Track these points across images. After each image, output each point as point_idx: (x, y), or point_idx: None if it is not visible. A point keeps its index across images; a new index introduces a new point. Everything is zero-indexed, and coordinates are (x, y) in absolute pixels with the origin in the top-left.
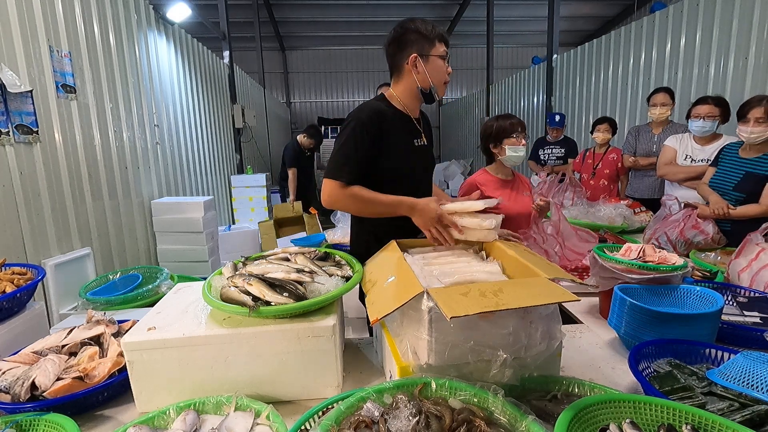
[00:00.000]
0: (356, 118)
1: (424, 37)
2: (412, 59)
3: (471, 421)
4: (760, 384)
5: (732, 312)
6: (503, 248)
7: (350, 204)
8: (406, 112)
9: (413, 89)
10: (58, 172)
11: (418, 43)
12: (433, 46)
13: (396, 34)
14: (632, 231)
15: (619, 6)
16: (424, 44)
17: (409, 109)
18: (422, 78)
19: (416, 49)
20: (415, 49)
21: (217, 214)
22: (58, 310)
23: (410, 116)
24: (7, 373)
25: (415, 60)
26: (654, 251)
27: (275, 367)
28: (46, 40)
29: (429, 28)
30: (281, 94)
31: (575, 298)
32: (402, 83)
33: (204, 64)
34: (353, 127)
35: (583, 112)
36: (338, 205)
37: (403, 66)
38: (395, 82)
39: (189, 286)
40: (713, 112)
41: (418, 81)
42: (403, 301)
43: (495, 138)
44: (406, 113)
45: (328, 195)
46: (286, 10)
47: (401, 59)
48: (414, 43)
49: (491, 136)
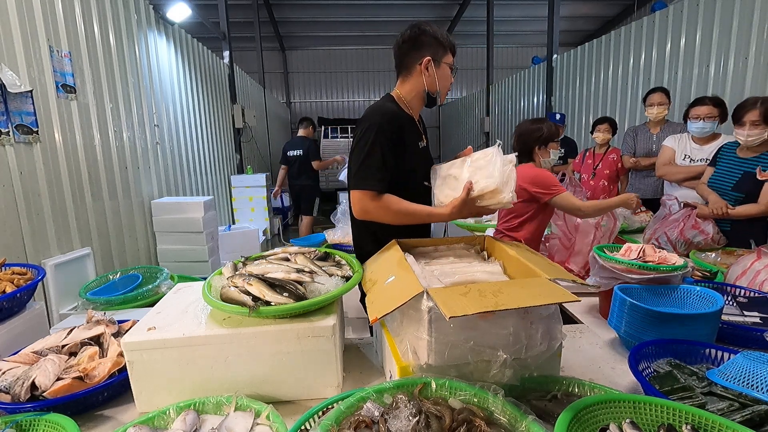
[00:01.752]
0: (376, 123)
1: (439, 43)
2: (426, 62)
3: (471, 421)
4: (760, 384)
5: (732, 312)
6: (504, 248)
7: (385, 215)
8: (410, 113)
9: (420, 91)
10: (58, 172)
11: (433, 47)
12: (446, 54)
13: (412, 34)
14: (632, 231)
15: (619, 6)
16: (438, 50)
17: (413, 110)
18: (431, 81)
19: (431, 53)
20: (430, 53)
21: (217, 214)
22: (58, 310)
23: (414, 118)
24: (7, 373)
25: (429, 63)
26: (654, 251)
27: (275, 367)
28: (46, 40)
29: (445, 36)
30: (281, 94)
31: (575, 299)
32: (409, 84)
33: (204, 64)
34: (375, 132)
35: (583, 112)
36: (371, 216)
37: (413, 67)
38: (402, 82)
39: (189, 286)
40: (713, 113)
41: (427, 84)
42: (403, 301)
43: (544, 140)
44: (411, 114)
45: (360, 207)
46: (286, 10)
47: (413, 60)
48: (429, 47)
49: (540, 139)
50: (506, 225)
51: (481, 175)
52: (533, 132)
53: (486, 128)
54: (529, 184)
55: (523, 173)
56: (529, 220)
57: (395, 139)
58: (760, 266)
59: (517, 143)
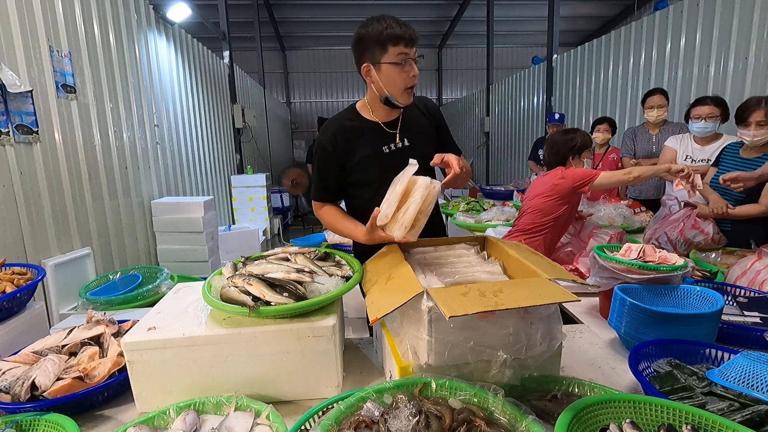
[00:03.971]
0: (318, 141)
1: (375, 42)
2: (365, 70)
3: (471, 421)
4: (760, 384)
5: (732, 312)
6: (504, 248)
7: (324, 222)
8: (374, 119)
9: (376, 96)
10: (58, 172)
11: (369, 50)
12: (384, 52)
13: (353, 40)
14: (632, 231)
15: (619, 6)
16: (375, 51)
17: (378, 115)
18: (378, 87)
19: (368, 58)
20: (368, 58)
21: (217, 214)
22: (58, 310)
23: (379, 123)
24: (7, 373)
25: (368, 69)
26: (654, 251)
27: (275, 367)
28: (46, 40)
29: (380, 29)
30: (281, 94)
31: (575, 298)
32: (369, 90)
33: (204, 64)
34: (317, 151)
35: (583, 112)
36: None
37: (362, 75)
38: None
39: (189, 286)
40: (714, 113)
41: (376, 90)
42: (403, 301)
43: (578, 150)
44: (375, 120)
45: (315, 213)
46: (286, 10)
47: (360, 69)
48: (366, 51)
49: (574, 149)
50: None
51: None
52: (567, 142)
53: (486, 128)
54: (570, 182)
55: (559, 175)
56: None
57: (338, 154)
58: (761, 266)
59: (549, 153)
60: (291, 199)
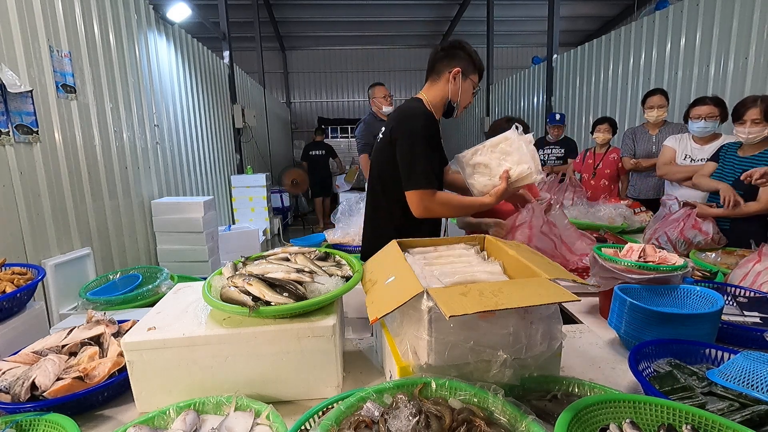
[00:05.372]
0: (422, 126)
1: (472, 60)
2: (455, 71)
3: (471, 421)
4: (760, 384)
5: (732, 312)
6: (504, 248)
7: (446, 210)
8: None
9: (444, 98)
10: (58, 172)
11: (465, 62)
12: (474, 73)
13: (451, 45)
14: (632, 231)
15: (619, 6)
16: (469, 66)
17: (436, 114)
18: (455, 91)
19: (462, 66)
20: (461, 65)
21: (217, 214)
22: (58, 310)
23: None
24: (7, 373)
25: (457, 73)
26: (654, 251)
27: (275, 367)
28: (46, 40)
29: (478, 58)
30: (281, 94)
31: (575, 298)
32: (435, 89)
33: (204, 64)
34: (423, 136)
35: (583, 112)
36: (434, 213)
37: (443, 73)
38: (429, 86)
39: (189, 286)
40: (714, 113)
41: (451, 93)
42: (403, 301)
43: None
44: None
45: (421, 205)
46: (286, 10)
47: (445, 67)
48: (462, 60)
49: None
50: None
51: (511, 161)
52: None
53: (486, 128)
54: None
55: None
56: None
57: (436, 140)
58: (761, 268)
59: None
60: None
